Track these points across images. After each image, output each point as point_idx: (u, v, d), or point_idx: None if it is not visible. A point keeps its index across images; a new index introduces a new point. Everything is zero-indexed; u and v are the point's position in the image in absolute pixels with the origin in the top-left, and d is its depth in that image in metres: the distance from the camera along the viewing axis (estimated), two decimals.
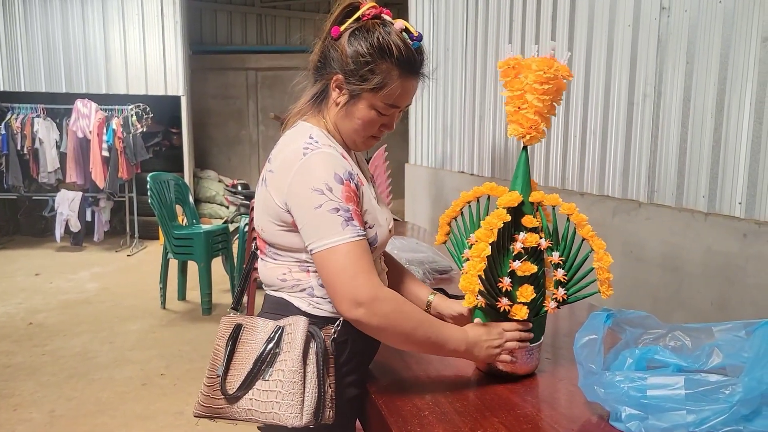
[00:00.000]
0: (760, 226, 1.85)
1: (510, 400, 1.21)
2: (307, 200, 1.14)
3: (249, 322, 1.25)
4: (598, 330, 1.14)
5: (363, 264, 1.14)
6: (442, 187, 4.24)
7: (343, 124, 1.26)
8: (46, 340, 4.15)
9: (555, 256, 1.25)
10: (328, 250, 1.13)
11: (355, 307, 1.13)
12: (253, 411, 1.17)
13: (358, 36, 1.20)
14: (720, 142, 2.00)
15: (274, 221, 1.22)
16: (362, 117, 1.23)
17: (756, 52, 1.86)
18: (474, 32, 3.70)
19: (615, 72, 2.46)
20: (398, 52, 1.19)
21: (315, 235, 1.15)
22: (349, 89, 1.22)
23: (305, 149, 1.17)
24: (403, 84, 1.22)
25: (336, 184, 1.15)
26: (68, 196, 6.94)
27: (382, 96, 1.21)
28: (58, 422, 3.00)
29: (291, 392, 1.14)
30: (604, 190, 2.55)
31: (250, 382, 1.18)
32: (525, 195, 1.28)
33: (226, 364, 1.22)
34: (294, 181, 1.16)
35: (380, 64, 1.19)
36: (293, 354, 1.16)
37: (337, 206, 1.14)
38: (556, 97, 1.27)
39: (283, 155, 1.21)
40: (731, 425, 0.94)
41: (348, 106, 1.23)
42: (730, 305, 1.95)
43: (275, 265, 1.27)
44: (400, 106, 1.25)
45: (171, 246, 4.67)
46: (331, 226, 1.13)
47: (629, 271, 2.38)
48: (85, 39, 7.18)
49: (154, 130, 7.82)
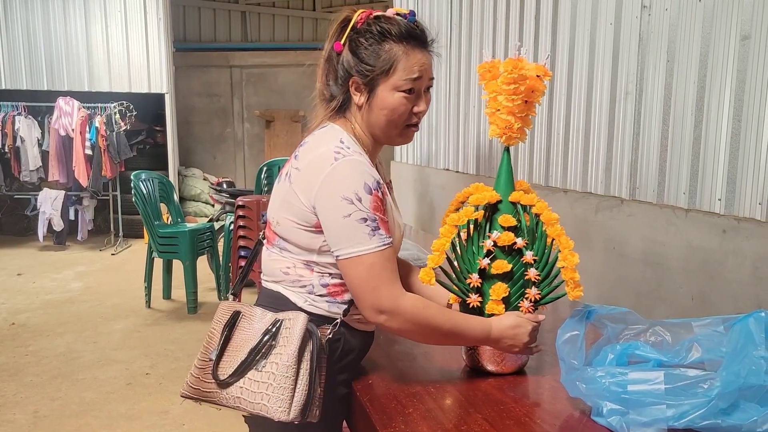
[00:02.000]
0: (740, 222, 1.88)
1: (493, 396, 1.22)
2: (336, 208, 1.16)
3: (248, 310, 1.26)
4: (580, 326, 1.15)
5: (386, 274, 1.18)
6: (427, 184, 4.25)
7: (373, 121, 1.27)
8: (29, 340, 4.11)
9: (528, 256, 1.26)
10: (353, 259, 1.16)
11: (378, 314, 1.18)
12: (241, 399, 1.18)
13: (358, 38, 1.24)
14: (700, 139, 2.03)
15: (294, 219, 1.23)
16: (387, 105, 1.24)
17: (735, 50, 1.89)
18: (458, 31, 3.71)
19: (597, 70, 2.48)
20: (397, 29, 1.22)
21: (342, 243, 1.17)
22: (365, 83, 1.24)
23: (336, 153, 1.18)
24: (412, 55, 1.24)
25: (365, 194, 1.16)
26: (51, 195, 6.87)
27: (395, 73, 1.22)
28: (42, 423, 2.97)
29: (282, 386, 1.15)
30: (588, 186, 2.57)
31: (243, 370, 1.19)
32: (505, 195, 1.29)
33: (220, 350, 1.22)
34: (324, 186, 1.17)
35: (383, 46, 1.22)
36: (290, 349, 1.17)
37: (366, 216, 1.16)
38: (532, 97, 1.27)
39: (312, 156, 1.22)
40: (710, 419, 0.96)
41: (370, 101, 1.25)
42: (711, 300, 1.98)
43: (281, 258, 1.28)
44: (422, 77, 1.25)
45: (156, 245, 4.64)
46: (358, 235, 1.16)
47: (612, 267, 2.41)
48: (67, 36, 7.10)
49: (137, 128, 7.76)
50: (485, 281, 1.28)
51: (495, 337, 1.25)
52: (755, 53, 1.83)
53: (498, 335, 1.25)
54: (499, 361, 1.31)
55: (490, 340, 1.25)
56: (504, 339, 1.25)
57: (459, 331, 1.23)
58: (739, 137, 1.90)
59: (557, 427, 1.09)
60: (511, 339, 1.25)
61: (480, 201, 1.28)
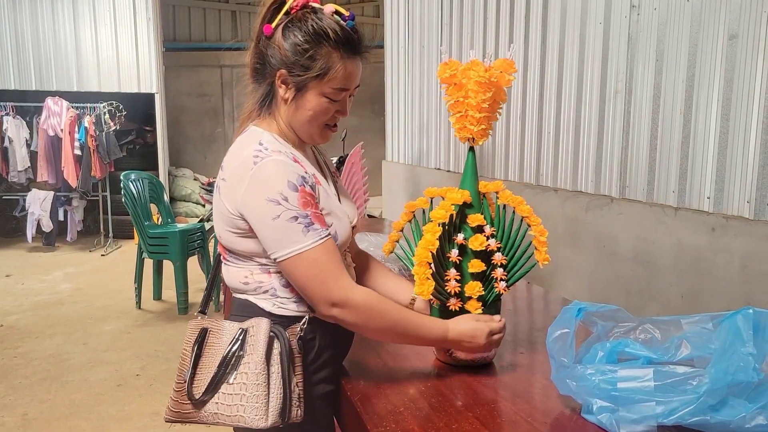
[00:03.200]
0: (728, 220, 1.90)
1: (484, 395, 1.22)
2: (263, 212, 1.14)
3: (215, 325, 1.25)
4: (570, 324, 1.15)
5: (331, 268, 1.16)
6: (418, 183, 4.26)
7: (295, 119, 1.24)
8: (17, 342, 4.07)
9: (492, 243, 1.28)
10: (293, 258, 1.15)
11: (330, 307, 1.17)
12: (219, 414, 1.18)
13: (292, 28, 1.19)
14: (689, 138, 2.04)
15: (230, 229, 1.22)
16: (313, 107, 1.22)
17: (723, 49, 1.90)
18: (449, 30, 3.71)
19: (587, 69, 2.49)
20: (335, 34, 1.18)
21: (277, 245, 1.15)
22: (295, 82, 1.20)
23: (255, 157, 1.15)
24: (347, 65, 1.20)
25: (290, 192, 1.14)
26: (40, 196, 6.81)
27: (328, 81, 1.20)
28: (31, 425, 2.95)
29: (255, 394, 1.15)
30: (578, 185, 2.58)
31: (216, 385, 1.19)
32: (473, 193, 1.32)
33: (192, 369, 1.22)
34: (247, 192, 1.15)
35: (320, 50, 1.18)
36: (256, 356, 1.16)
37: (295, 214, 1.14)
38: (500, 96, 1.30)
39: (234, 164, 1.20)
40: (699, 415, 0.96)
41: (297, 99, 1.22)
42: (700, 297, 2.00)
43: (237, 269, 1.27)
44: (349, 87, 1.24)
45: (146, 245, 4.61)
46: (292, 234, 1.14)
47: (602, 266, 2.42)
48: (56, 35, 7.04)
49: (127, 128, 7.71)
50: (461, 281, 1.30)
51: (452, 339, 1.25)
52: (743, 52, 1.84)
53: (455, 337, 1.25)
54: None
55: (447, 342, 1.25)
56: (462, 342, 1.25)
57: (414, 329, 1.23)
58: (727, 136, 1.91)
59: (548, 425, 1.09)
60: (469, 341, 1.25)
61: (457, 201, 1.30)
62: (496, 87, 1.27)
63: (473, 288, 1.28)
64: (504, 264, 1.30)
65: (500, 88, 1.28)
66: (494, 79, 1.25)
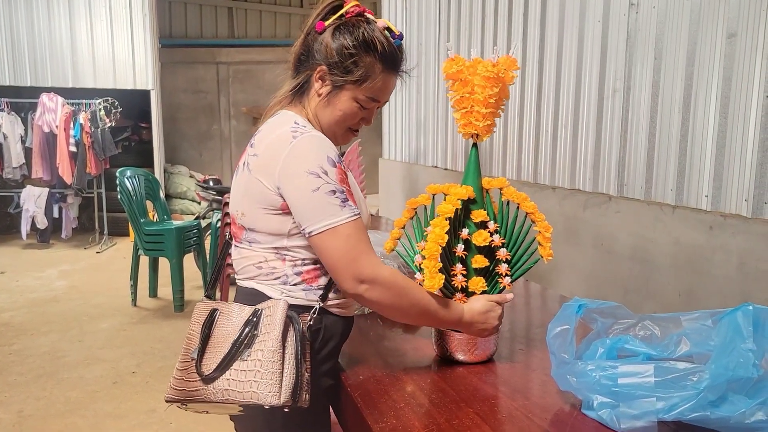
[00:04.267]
0: (726, 218, 1.90)
1: (484, 390, 1.22)
2: (303, 183, 1.16)
3: (225, 307, 1.26)
4: (570, 320, 1.15)
5: (362, 245, 1.18)
6: (416, 181, 4.26)
7: (323, 115, 1.28)
8: (12, 339, 4.06)
9: (497, 239, 1.29)
10: (328, 232, 1.16)
11: (358, 284, 1.18)
12: (230, 391, 1.16)
13: (343, 30, 1.23)
14: (687, 136, 2.05)
15: (260, 205, 1.22)
16: (344, 108, 1.26)
17: (721, 48, 1.91)
18: (446, 28, 3.71)
19: (585, 67, 2.50)
20: (382, 47, 1.23)
21: (314, 217, 1.17)
22: (333, 80, 1.24)
23: (294, 132, 1.19)
24: (385, 78, 1.26)
25: (329, 166, 1.17)
26: (34, 193, 6.78)
27: (365, 89, 1.25)
28: (27, 422, 2.94)
29: (270, 371, 1.15)
30: (576, 183, 2.59)
31: (228, 363, 1.18)
32: (476, 189, 1.32)
33: (201, 347, 1.22)
34: (287, 165, 1.17)
35: (364, 58, 1.23)
36: (273, 335, 1.16)
37: (334, 188, 1.16)
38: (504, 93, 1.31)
39: (269, 140, 1.22)
40: (699, 411, 0.97)
41: (330, 96, 1.26)
42: (698, 296, 2.00)
43: (251, 253, 1.27)
44: (381, 100, 1.29)
45: (142, 242, 4.60)
46: (329, 208, 1.16)
47: (600, 264, 2.42)
48: (51, 31, 7.01)
49: (123, 125, 7.69)
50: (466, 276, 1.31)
51: (467, 321, 1.27)
52: (741, 51, 1.85)
53: (470, 319, 1.27)
54: (468, 351, 1.32)
55: (462, 324, 1.27)
56: (475, 323, 1.27)
57: (434, 310, 1.25)
58: (725, 134, 1.92)
59: (548, 420, 1.09)
60: (482, 323, 1.28)
61: (463, 196, 1.29)
62: (502, 82, 1.28)
63: (477, 283, 1.29)
64: (508, 259, 1.30)
65: (505, 85, 1.29)
66: (501, 75, 1.26)
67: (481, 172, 1.35)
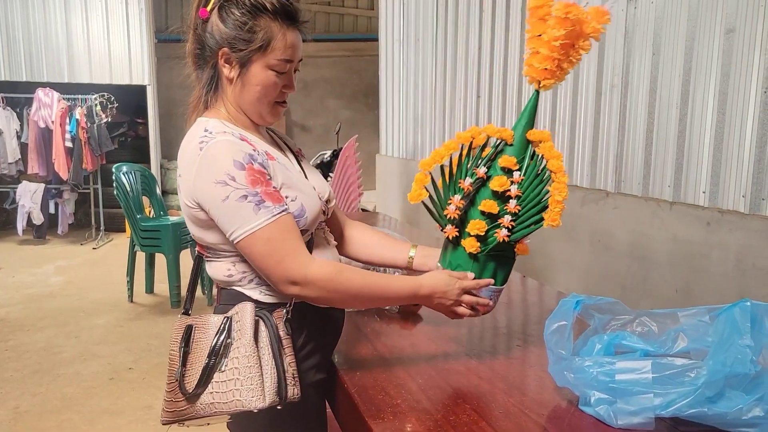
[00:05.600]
0: (723, 214, 1.90)
1: (481, 387, 1.22)
2: (213, 195, 1.13)
3: (199, 321, 1.24)
4: (568, 316, 1.15)
5: (287, 245, 1.15)
6: (412, 177, 4.25)
7: (243, 98, 1.24)
8: (8, 335, 4.04)
9: (513, 189, 1.23)
10: (247, 238, 1.14)
11: (290, 286, 1.16)
12: (215, 404, 1.17)
13: (227, 6, 1.19)
14: (685, 132, 2.05)
15: (197, 225, 1.22)
16: (260, 82, 1.22)
17: (719, 44, 1.90)
18: (444, 22, 3.70)
19: (583, 63, 2.49)
20: (272, 5, 1.19)
21: (231, 226, 1.14)
22: (238, 57, 1.20)
23: (201, 143, 1.16)
24: (287, 35, 1.21)
25: (237, 171, 1.13)
26: (30, 188, 6.76)
27: (272, 51, 1.20)
28: (23, 418, 2.93)
29: (249, 376, 1.15)
30: (573, 179, 2.58)
31: (207, 376, 1.18)
32: (518, 136, 1.25)
33: (182, 365, 1.21)
34: (197, 178, 1.15)
35: (259, 22, 1.18)
36: (245, 340, 1.16)
37: (244, 193, 1.12)
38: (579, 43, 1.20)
39: (184, 157, 1.20)
40: (696, 407, 0.97)
41: (242, 76, 1.22)
42: (695, 292, 2.00)
43: (219, 263, 1.27)
44: (293, 59, 1.23)
45: (138, 238, 4.59)
46: (243, 214, 1.13)
47: (597, 260, 2.42)
48: (46, 25, 6.97)
49: (119, 120, 7.66)
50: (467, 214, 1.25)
51: (425, 293, 1.24)
52: (739, 46, 1.85)
53: (429, 291, 1.24)
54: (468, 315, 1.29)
55: (419, 297, 1.25)
56: (435, 295, 1.24)
57: (382, 292, 1.23)
58: (723, 130, 1.92)
59: (545, 417, 1.09)
60: (441, 295, 1.24)
61: (492, 133, 1.25)
62: (574, 27, 1.17)
63: (476, 225, 1.23)
64: (516, 213, 1.23)
65: (580, 33, 1.18)
66: (573, 17, 1.15)
67: (533, 121, 1.27)
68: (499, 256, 1.28)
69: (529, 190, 1.24)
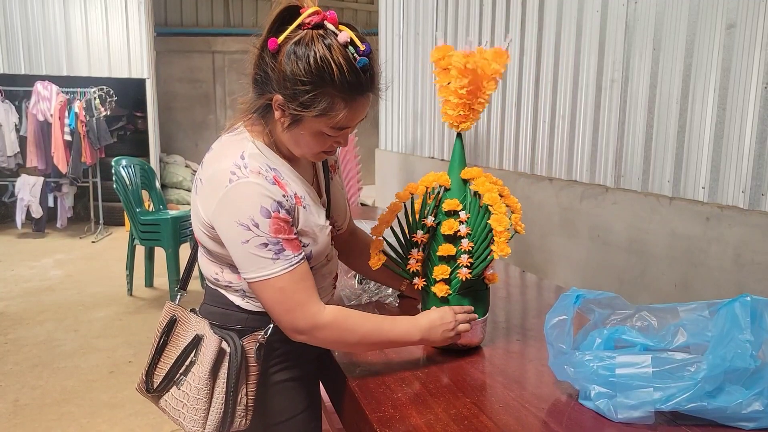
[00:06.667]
0: (723, 209, 1.90)
1: (481, 380, 1.22)
2: (233, 233, 1.11)
3: (183, 316, 1.27)
4: (568, 311, 1.16)
5: (298, 296, 1.14)
6: (412, 172, 4.25)
7: (288, 143, 1.18)
8: (7, 328, 4.05)
9: (463, 229, 1.29)
10: (261, 283, 1.13)
11: (297, 334, 1.17)
12: (166, 411, 1.24)
13: (297, 52, 1.06)
14: (685, 127, 2.05)
15: (202, 229, 1.20)
16: (308, 141, 1.15)
17: (720, 39, 1.90)
18: (444, 17, 3.69)
19: (583, 58, 2.49)
20: (340, 75, 1.05)
21: (245, 267, 1.13)
22: (291, 113, 1.11)
23: (232, 174, 1.10)
24: (350, 106, 1.10)
25: (262, 218, 1.09)
26: (29, 182, 6.75)
27: (327, 120, 1.10)
28: (23, 411, 2.94)
29: (195, 407, 1.18)
30: (572, 175, 2.59)
31: (168, 384, 1.23)
32: (454, 179, 1.34)
33: (157, 355, 1.26)
34: (219, 209, 1.12)
35: (320, 89, 1.07)
36: (202, 369, 1.19)
37: (265, 241, 1.10)
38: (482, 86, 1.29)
39: (212, 170, 1.14)
40: (696, 401, 0.97)
41: (292, 128, 1.13)
42: (693, 287, 2.01)
43: (209, 262, 1.27)
44: (350, 126, 1.15)
45: (137, 232, 4.59)
46: (260, 261, 1.11)
47: (596, 255, 2.43)
48: (45, 18, 6.94)
49: (118, 114, 7.64)
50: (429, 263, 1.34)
51: (426, 327, 1.25)
52: (740, 42, 1.84)
53: (428, 324, 1.25)
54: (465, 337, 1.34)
55: (424, 333, 1.25)
56: (434, 327, 1.25)
57: (388, 333, 1.23)
58: (723, 126, 1.92)
59: (545, 410, 1.10)
60: (440, 321, 1.26)
61: (429, 183, 1.33)
62: (474, 74, 1.26)
63: (440, 271, 1.30)
64: (470, 250, 1.29)
65: (481, 77, 1.28)
66: (470, 66, 1.24)
67: (464, 161, 1.36)
68: (471, 290, 1.33)
69: (476, 226, 1.30)
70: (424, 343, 1.28)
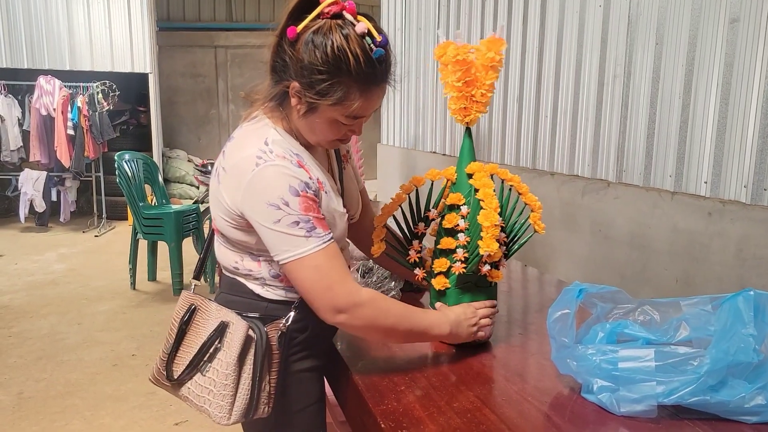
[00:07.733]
0: (725, 204, 1.90)
1: (484, 374, 1.23)
2: (264, 215, 1.11)
3: (203, 305, 1.26)
4: (571, 305, 1.16)
5: (335, 272, 1.14)
6: (414, 167, 4.25)
7: (304, 130, 1.20)
8: (12, 322, 4.07)
9: (462, 224, 1.31)
10: (295, 262, 1.13)
11: (336, 314, 1.15)
12: (189, 399, 1.23)
13: (315, 41, 1.08)
14: (687, 122, 2.05)
15: (225, 218, 1.20)
16: (323, 128, 1.17)
17: (723, 33, 1.90)
18: (446, 11, 3.68)
19: (586, 52, 2.49)
20: (356, 65, 1.08)
21: (278, 248, 1.13)
22: (307, 101, 1.13)
23: (258, 158, 1.12)
24: (365, 96, 1.13)
25: (292, 197, 1.10)
26: (32, 176, 6.76)
27: (342, 109, 1.13)
28: (27, 404, 2.95)
29: (222, 393, 1.18)
30: (575, 169, 2.59)
31: (191, 371, 1.22)
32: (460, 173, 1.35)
33: (176, 344, 1.25)
34: (247, 194, 1.13)
35: (337, 78, 1.09)
36: (230, 356, 1.18)
37: (297, 219, 1.11)
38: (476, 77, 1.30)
39: (236, 158, 1.16)
40: (699, 395, 0.98)
41: (307, 115, 1.16)
42: (695, 282, 2.01)
43: (229, 251, 1.27)
44: (365, 115, 1.18)
45: (140, 226, 4.60)
46: (293, 240, 1.11)
47: (598, 250, 2.43)
48: (47, 13, 6.93)
49: (120, 108, 7.64)
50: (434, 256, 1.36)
51: (454, 320, 1.27)
52: (743, 36, 1.84)
53: (455, 318, 1.27)
54: None
55: (451, 324, 1.26)
56: (460, 321, 1.27)
57: (418, 320, 1.23)
58: (725, 120, 1.92)
59: (548, 404, 1.10)
60: (464, 317, 1.28)
61: (432, 177, 1.35)
62: (466, 65, 1.27)
63: (439, 263, 1.32)
64: (465, 245, 1.30)
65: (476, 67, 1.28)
66: (460, 57, 1.26)
67: (472, 156, 1.36)
68: (472, 286, 1.34)
69: (474, 221, 1.30)
70: (452, 338, 1.29)
